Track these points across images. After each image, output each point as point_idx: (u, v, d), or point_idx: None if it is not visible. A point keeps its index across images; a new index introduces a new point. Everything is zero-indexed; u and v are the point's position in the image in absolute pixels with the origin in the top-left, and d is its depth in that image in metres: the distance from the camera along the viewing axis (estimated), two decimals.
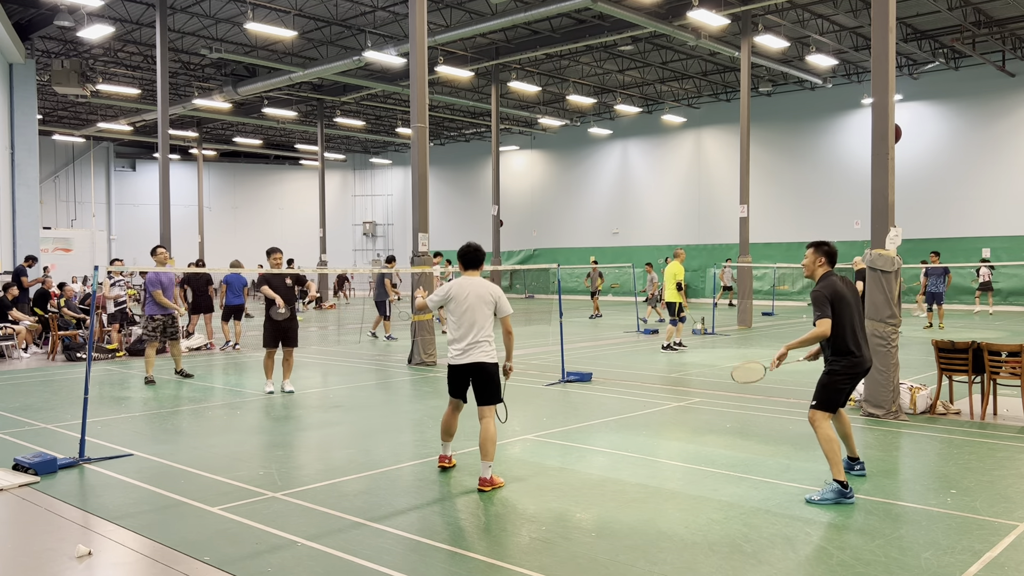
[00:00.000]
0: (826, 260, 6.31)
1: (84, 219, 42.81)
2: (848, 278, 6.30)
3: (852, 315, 6.12)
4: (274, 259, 10.94)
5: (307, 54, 28.11)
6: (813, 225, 30.71)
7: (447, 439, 6.87)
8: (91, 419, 8.61)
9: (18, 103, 23.79)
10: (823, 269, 6.30)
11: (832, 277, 6.21)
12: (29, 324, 16.18)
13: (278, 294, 10.88)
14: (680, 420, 9.04)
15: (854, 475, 6.45)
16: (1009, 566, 4.64)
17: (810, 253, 6.38)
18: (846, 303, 6.09)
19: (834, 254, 6.34)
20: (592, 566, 4.68)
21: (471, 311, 6.44)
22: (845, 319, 6.06)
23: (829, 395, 6.10)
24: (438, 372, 13.14)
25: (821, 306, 6.03)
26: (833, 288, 6.08)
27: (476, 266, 6.76)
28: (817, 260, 6.32)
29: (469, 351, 6.43)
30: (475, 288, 6.53)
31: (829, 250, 6.34)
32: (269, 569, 4.68)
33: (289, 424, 8.99)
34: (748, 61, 21.90)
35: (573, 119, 38.51)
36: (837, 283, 6.13)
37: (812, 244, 6.42)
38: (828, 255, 6.32)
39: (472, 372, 6.48)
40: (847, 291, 6.14)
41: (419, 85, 14.00)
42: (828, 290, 6.07)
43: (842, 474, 5.87)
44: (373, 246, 50.50)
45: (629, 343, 17.61)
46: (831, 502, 5.81)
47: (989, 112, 27.37)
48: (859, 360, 6.09)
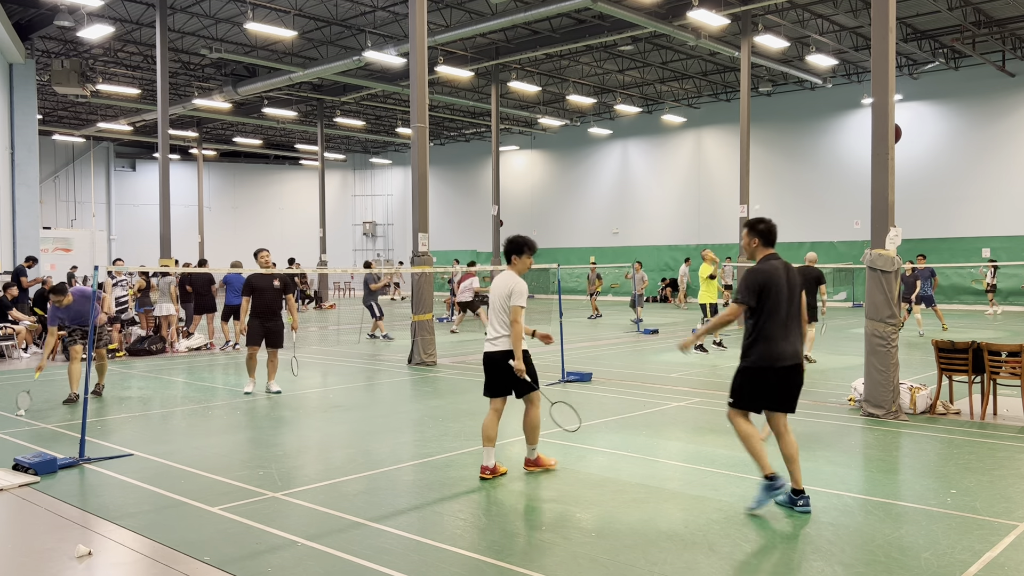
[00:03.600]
0: (761, 241, 5.81)
1: (84, 219, 42.80)
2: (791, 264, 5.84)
3: (779, 306, 5.58)
4: (262, 258, 11.08)
5: (307, 54, 28.11)
6: (813, 225, 30.71)
7: (487, 444, 6.53)
8: (91, 419, 8.61)
9: (18, 103, 23.78)
10: (762, 251, 5.82)
11: (773, 261, 5.72)
12: (29, 324, 16.18)
13: (265, 295, 10.84)
14: (680, 420, 9.04)
15: (797, 511, 5.58)
16: (1009, 566, 4.64)
17: (745, 234, 5.94)
18: (775, 292, 5.58)
19: (769, 232, 5.80)
20: (592, 566, 4.68)
21: (495, 305, 6.57)
22: (767, 307, 5.56)
23: (733, 390, 5.77)
24: (438, 372, 13.15)
25: (743, 291, 5.63)
26: (766, 274, 5.61)
27: (507, 259, 6.78)
28: (753, 240, 5.85)
29: (497, 340, 6.51)
30: (498, 281, 6.66)
31: (764, 228, 5.80)
32: (269, 569, 4.68)
33: (289, 424, 8.99)
34: (748, 61, 21.91)
35: (573, 119, 38.50)
36: (773, 269, 5.64)
37: (746, 224, 5.95)
38: (763, 235, 5.79)
39: (487, 363, 6.56)
40: (784, 279, 5.63)
41: (419, 85, 14.00)
42: (760, 276, 5.61)
43: (768, 467, 5.52)
44: (373, 246, 50.49)
45: (629, 343, 17.61)
46: (765, 503, 5.57)
47: (989, 112, 27.36)
48: (772, 355, 5.55)
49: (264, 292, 10.88)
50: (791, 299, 5.63)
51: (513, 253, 6.71)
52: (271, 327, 10.99)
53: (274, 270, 11.10)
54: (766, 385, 5.63)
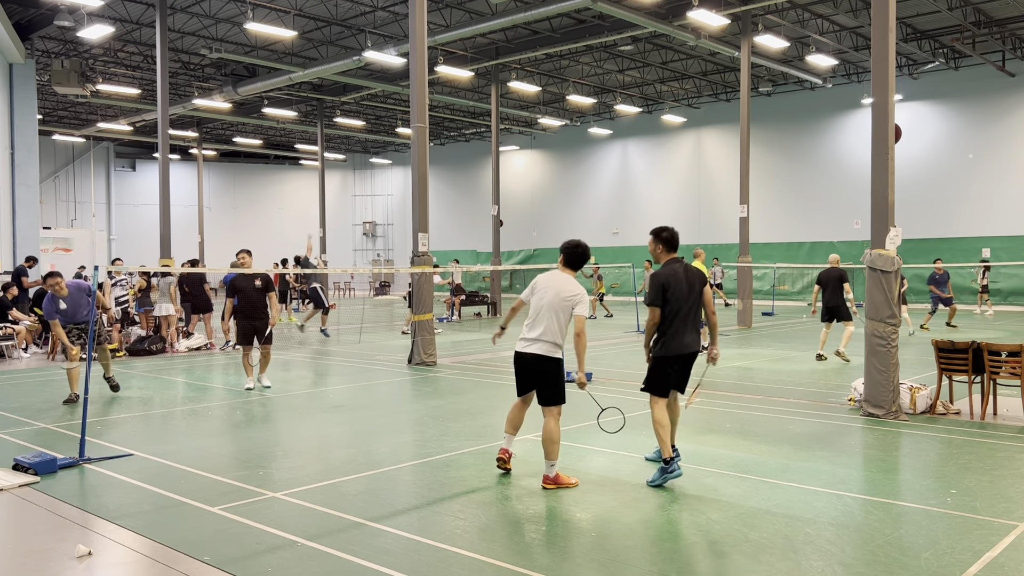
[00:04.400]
0: (664, 247, 6.60)
1: (84, 219, 42.81)
2: (691, 265, 6.61)
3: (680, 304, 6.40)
4: (240, 259, 11.66)
5: (307, 54, 28.11)
6: (813, 225, 30.72)
7: (510, 431, 6.67)
8: (91, 419, 8.62)
9: (18, 103, 23.79)
10: (665, 255, 6.62)
11: (674, 264, 6.51)
12: (29, 324, 16.18)
13: (248, 295, 11.40)
14: (680, 420, 9.03)
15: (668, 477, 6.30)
16: (1009, 566, 4.64)
17: (650, 241, 6.70)
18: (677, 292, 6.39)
19: (671, 240, 6.61)
20: (592, 566, 4.68)
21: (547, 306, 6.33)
22: (671, 305, 6.40)
23: (648, 378, 6.56)
24: (438, 372, 13.15)
25: (651, 294, 6.46)
26: (668, 276, 6.41)
27: (574, 266, 6.59)
28: (657, 247, 6.64)
29: (535, 343, 6.36)
30: (558, 282, 6.41)
31: (668, 236, 6.62)
32: (269, 569, 4.68)
33: (289, 424, 8.99)
34: (748, 61, 21.90)
35: (573, 119, 38.50)
36: (673, 272, 6.42)
37: (652, 231, 6.72)
38: (666, 241, 6.60)
39: (532, 364, 6.37)
40: (684, 280, 6.42)
41: (419, 85, 14.00)
42: (662, 278, 6.43)
43: (667, 452, 6.32)
44: (373, 246, 50.50)
45: (629, 343, 17.61)
46: (659, 481, 6.30)
47: (989, 112, 27.36)
48: (673, 344, 6.41)
49: (247, 292, 11.39)
50: (688, 297, 6.43)
51: (577, 264, 6.59)
52: (258, 325, 11.46)
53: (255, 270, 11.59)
54: (675, 371, 6.53)
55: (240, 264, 11.63)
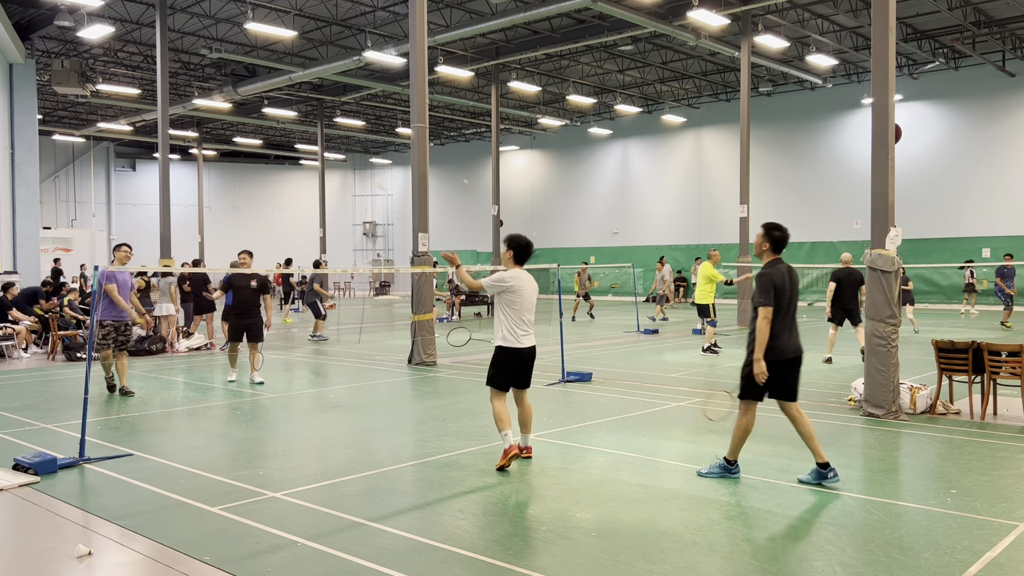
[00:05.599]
0: (772, 246, 6.34)
1: (84, 219, 42.81)
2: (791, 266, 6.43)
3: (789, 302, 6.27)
4: (241, 259, 12.06)
5: (307, 54, 28.11)
6: (813, 225, 30.71)
7: (507, 427, 6.87)
8: (91, 419, 8.62)
9: (18, 103, 23.80)
10: (770, 255, 6.36)
11: (780, 264, 6.28)
12: (29, 324, 16.18)
13: (242, 293, 11.69)
14: (680, 420, 9.04)
15: (828, 484, 6.23)
16: (1009, 566, 4.64)
17: (760, 235, 6.41)
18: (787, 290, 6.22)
19: (782, 241, 6.33)
20: (592, 566, 4.68)
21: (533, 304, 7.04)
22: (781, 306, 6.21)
23: (749, 384, 6.34)
24: (438, 372, 13.15)
25: (764, 292, 6.17)
26: (777, 275, 6.18)
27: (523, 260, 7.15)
28: (764, 243, 6.37)
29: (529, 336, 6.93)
30: (530, 280, 7.09)
31: (779, 236, 6.33)
32: (269, 569, 4.68)
33: (289, 424, 8.99)
34: (748, 61, 21.91)
35: (573, 119, 38.50)
36: (780, 273, 6.20)
37: (764, 225, 6.44)
38: (776, 241, 6.33)
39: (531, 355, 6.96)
40: (788, 282, 6.22)
41: (419, 85, 14.00)
42: (775, 277, 6.18)
43: (735, 454, 6.44)
44: (373, 246, 50.51)
45: (629, 343, 17.61)
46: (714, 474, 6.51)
47: (989, 112, 27.36)
48: (780, 349, 6.23)
49: (242, 290, 11.70)
50: (793, 298, 6.31)
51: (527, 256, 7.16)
52: (249, 324, 11.78)
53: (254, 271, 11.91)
54: (779, 375, 6.28)
55: (240, 264, 11.91)
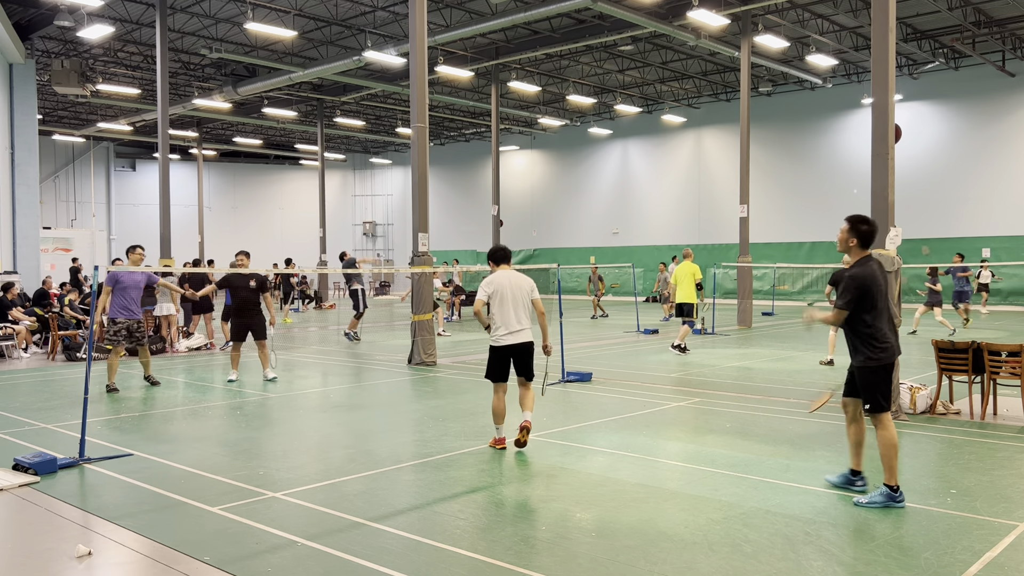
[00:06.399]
0: (860, 242, 5.82)
1: (84, 219, 42.80)
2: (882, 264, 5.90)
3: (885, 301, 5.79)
4: (239, 260, 12.24)
5: (307, 54, 28.11)
6: (813, 225, 30.71)
7: (499, 422, 7.53)
8: (91, 419, 8.61)
9: (18, 103, 23.79)
10: (859, 252, 5.85)
11: (871, 263, 5.77)
12: (29, 324, 16.18)
13: (240, 293, 11.89)
14: (680, 420, 9.04)
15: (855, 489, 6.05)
16: (1009, 566, 4.64)
17: (845, 230, 5.91)
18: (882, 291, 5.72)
19: (870, 236, 5.84)
20: (592, 566, 4.68)
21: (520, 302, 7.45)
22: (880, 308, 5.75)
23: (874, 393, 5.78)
24: (438, 372, 13.15)
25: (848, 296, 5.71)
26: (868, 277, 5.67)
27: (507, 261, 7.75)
28: (851, 239, 5.87)
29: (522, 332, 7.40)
30: (514, 279, 7.51)
31: (867, 231, 5.81)
32: (269, 569, 4.68)
33: (289, 424, 8.99)
34: (748, 61, 21.90)
35: (573, 119, 38.50)
36: (871, 272, 5.69)
37: (849, 219, 5.95)
38: (864, 236, 5.80)
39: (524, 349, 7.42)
40: (882, 278, 5.73)
41: (419, 85, 14.00)
42: (867, 280, 5.68)
43: (895, 478, 5.71)
44: (373, 246, 50.50)
45: (629, 343, 17.61)
46: (879, 504, 5.70)
47: (989, 112, 27.37)
48: (892, 350, 5.79)
49: (240, 290, 11.87)
50: (888, 297, 6.03)
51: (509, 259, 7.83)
52: (251, 323, 11.95)
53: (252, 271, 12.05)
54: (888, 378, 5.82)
55: (238, 265, 12.03)
